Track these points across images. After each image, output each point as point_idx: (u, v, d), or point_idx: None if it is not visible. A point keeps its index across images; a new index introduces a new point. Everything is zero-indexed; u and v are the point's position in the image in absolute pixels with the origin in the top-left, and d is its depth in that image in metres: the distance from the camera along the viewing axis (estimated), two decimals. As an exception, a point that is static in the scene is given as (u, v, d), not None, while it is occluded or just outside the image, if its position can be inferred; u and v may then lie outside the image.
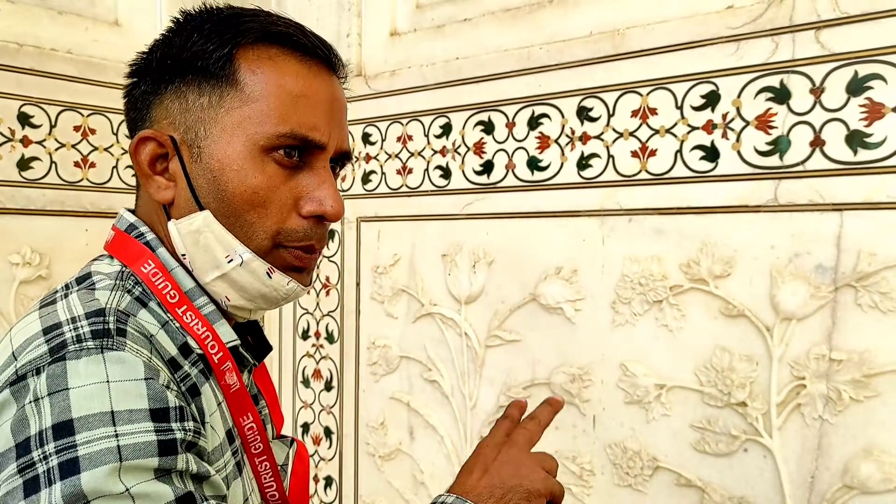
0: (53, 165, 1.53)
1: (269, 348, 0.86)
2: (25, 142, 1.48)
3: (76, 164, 1.56)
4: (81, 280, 0.69)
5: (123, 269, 0.71)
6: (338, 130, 0.74)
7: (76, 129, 1.55)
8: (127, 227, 0.74)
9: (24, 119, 1.47)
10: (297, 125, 0.70)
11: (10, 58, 1.45)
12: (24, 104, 1.47)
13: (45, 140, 1.51)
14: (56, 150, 1.53)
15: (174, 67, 0.71)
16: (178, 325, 0.69)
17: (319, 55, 0.74)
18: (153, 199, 0.73)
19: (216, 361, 0.70)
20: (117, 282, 0.69)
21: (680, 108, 1.28)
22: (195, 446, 0.59)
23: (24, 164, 1.48)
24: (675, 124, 1.28)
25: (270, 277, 0.71)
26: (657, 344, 1.31)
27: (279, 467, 0.79)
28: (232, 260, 0.70)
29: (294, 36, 0.73)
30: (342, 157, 0.78)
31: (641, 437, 1.33)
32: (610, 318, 1.36)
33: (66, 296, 0.65)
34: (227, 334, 0.72)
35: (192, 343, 0.69)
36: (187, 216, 0.70)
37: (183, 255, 0.71)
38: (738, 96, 1.22)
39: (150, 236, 0.73)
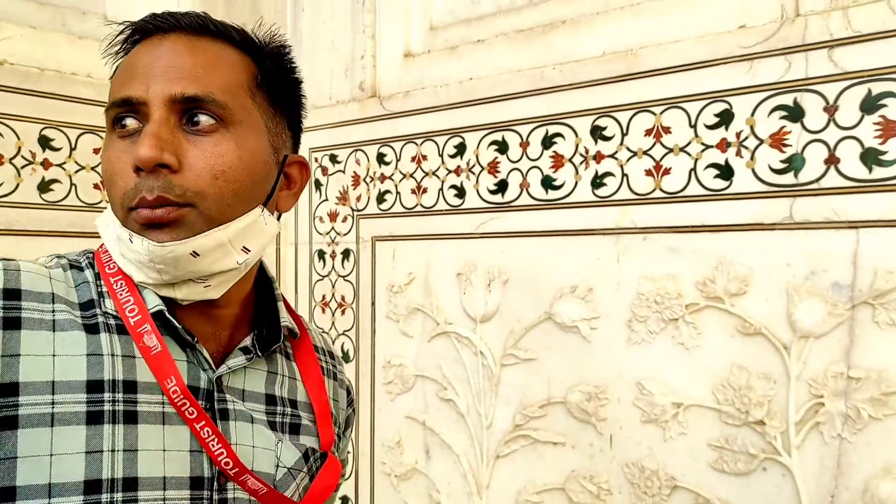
0: (73, 188, 1.55)
1: (277, 339, 0.85)
2: (46, 164, 1.50)
3: (95, 187, 1.58)
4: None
5: (91, 251, 0.79)
6: (162, 82, 0.72)
7: (96, 151, 1.58)
8: None
9: (44, 142, 1.50)
10: (115, 93, 0.74)
11: (33, 82, 1.47)
12: (45, 127, 1.50)
13: (65, 163, 1.53)
14: (76, 172, 1.55)
15: None
16: (104, 288, 0.75)
17: (151, 28, 0.76)
18: None
19: (132, 324, 0.73)
20: (71, 256, 0.78)
21: (694, 126, 1.29)
22: None
23: (44, 186, 1.51)
24: (689, 143, 1.29)
25: (132, 242, 0.72)
26: (673, 362, 1.30)
27: (287, 469, 0.80)
28: (118, 237, 0.73)
29: (151, 25, 0.76)
30: (190, 103, 0.73)
31: (659, 456, 1.33)
32: (626, 337, 1.36)
33: None
34: (151, 300, 0.74)
35: (109, 303, 0.73)
36: None
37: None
38: (752, 114, 1.22)
39: None
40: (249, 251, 0.77)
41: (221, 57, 0.76)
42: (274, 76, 0.82)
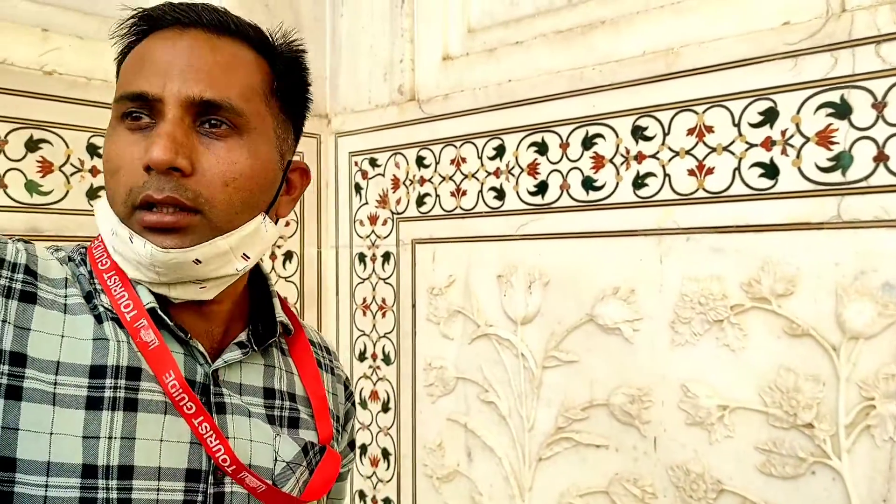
0: (121, 194, 1.58)
1: (273, 334, 0.85)
2: (94, 171, 1.54)
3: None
4: None
5: (82, 246, 0.79)
6: (179, 81, 0.71)
7: (142, 158, 1.61)
8: None
9: (92, 150, 1.53)
10: (128, 85, 0.72)
11: (80, 91, 1.51)
12: (93, 135, 1.53)
13: (112, 170, 1.57)
14: (123, 179, 1.59)
15: None
16: (98, 285, 0.74)
17: (168, 20, 0.75)
18: None
19: (128, 319, 0.72)
20: (67, 251, 0.78)
21: (737, 125, 1.27)
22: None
23: (92, 193, 1.54)
24: (733, 142, 1.27)
25: (132, 242, 0.71)
26: (719, 364, 1.29)
27: (286, 464, 0.80)
28: (114, 232, 0.72)
29: (170, 16, 0.75)
30: (208, 108, 0.72)
31: (704, 459, 1.31)
32: (669, 339, 1.35)
33: None
34: (145, 296, 0.74)
35: (104, 299, 0.73)
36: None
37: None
38: (798, 112, 1.20)
39: None
40: (249, 258, 0.78)
41: (239, 58, 0.76)
42: (288, 81, 0.82)
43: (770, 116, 1.24)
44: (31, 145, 1.44)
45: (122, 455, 0.69)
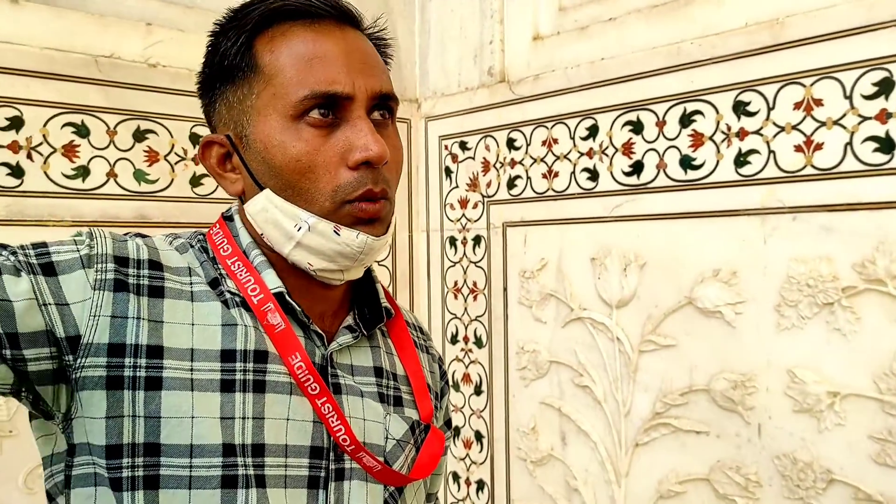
0: (221, 182, 1.63)
1: (380, 319, 0.88)
2: (196, 160, 1.59)
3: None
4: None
5: (200, 233, 0.82)
6: (362, 78, 0.74)
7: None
8: (224, 211, 0.84)
9: (194, 139, 1.58)
10: (315, 84, 0.73)
11: (182, 83, 1.56)
12: (195, 125, 1.58)
13: (212, 158, 1.62)
14: (222, 167, 1.63)
15: (214, 76, 0.78)
16: (223, 270, 0.77)
17: (324, 14, 0.76)
18: (230, 195, 0.81)
19: (255, 303, 0.76)
20: (185, 238, 0.81)
21: (849, 97, 1.20)
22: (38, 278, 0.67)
23: (195, 181, 1.59)
24: (844, 115, 1.21)
25: (339, 235, 0.74)
26: (829, 349, 1.23)
27: (396, 441, 0.83)
28: (300, 227, 0.74)
29: (297, 6, 0.75)
30: (384, 100, 0.77)
31: (813, 448, 1.26)
32: (774, 322, 1.30)
33: None
34: (272, 282, 0.77)
35: (230, 284, 0.77)
36: (253, 198, 0.77)
37: (261, 234, 0.78)
38: (917, 82, 1.13)
39: (230, 213, 0.83)
40: None
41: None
42: None
43: (885, 87, 1.16)
44: (139, 135, 1.51)
45: (255, 434, 0.72)
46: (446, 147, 1.93)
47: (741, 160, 1.33)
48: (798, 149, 1.26)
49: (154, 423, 0.69)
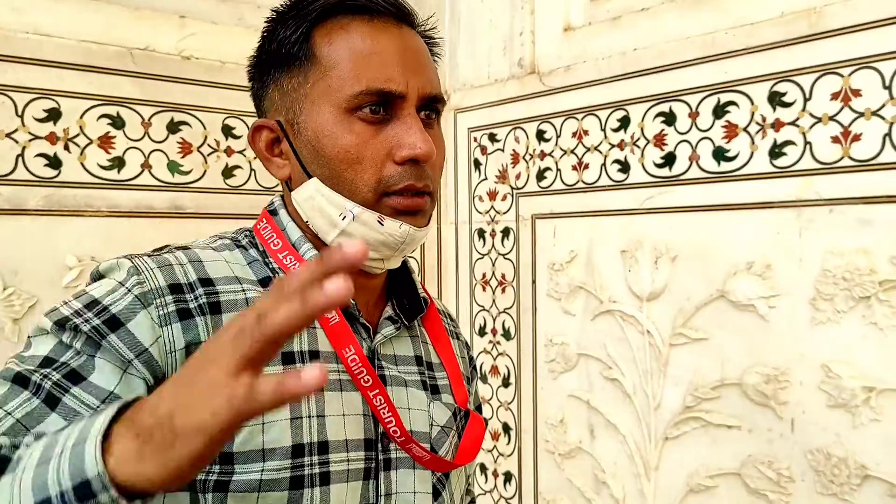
0: (253, 173, 1.65)
1: (419, 309, 0.90)
2: (229, 152, 1.60)
3: (271, 172, 1.68)
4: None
5: (246, 229, 0.84)
6: (416, 78, 0.77)
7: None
8: (268, 205, 0.86)
9: (227, 131, 1.60)
10: (371, 80, 0.75)
11: (215, 75, 1.57)
12: (228, 117, 1.60)
13: (245, 150, 1.63)
14: (255, 158, 1.65)
15: (269, 62, 0.80)
16: (275, 265, 0.79)
17: (383, 11, 0.78)
18: (278, 179, 0.83)
19: None
20: (230, 236, 0.82)
21: (888, 87, 1.18)
22: (97, 345, 0.66)
23: (227, 172, 1.61)
24: (883, 105, 1.18)
25: (382, 224, 0.76)
26: (865, 343, 1.21)
27: (441, 428, 0.84)
28: (345, 217, 0.76)
29: (358, 1, 0.77)
30: (432, 102, 0.80)
31: (847, 444, 1.24)
32: (809, 316, 1.28)
33: None
34: None
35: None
36: (301, 185, 0.79)
37: (306, 221, 0.80)
38: (960, 71, 1.10)
39: (274, 207, 0.84)
40: None
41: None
42: None
43: (927, 77, 1.14)
44: (172, 127, 1.52)
45: (319, 431, 0.74)
46: (475, 139, 1.93)
47: (776, 151, 1.31)
48: (835, 140, 1.24)
49: None
